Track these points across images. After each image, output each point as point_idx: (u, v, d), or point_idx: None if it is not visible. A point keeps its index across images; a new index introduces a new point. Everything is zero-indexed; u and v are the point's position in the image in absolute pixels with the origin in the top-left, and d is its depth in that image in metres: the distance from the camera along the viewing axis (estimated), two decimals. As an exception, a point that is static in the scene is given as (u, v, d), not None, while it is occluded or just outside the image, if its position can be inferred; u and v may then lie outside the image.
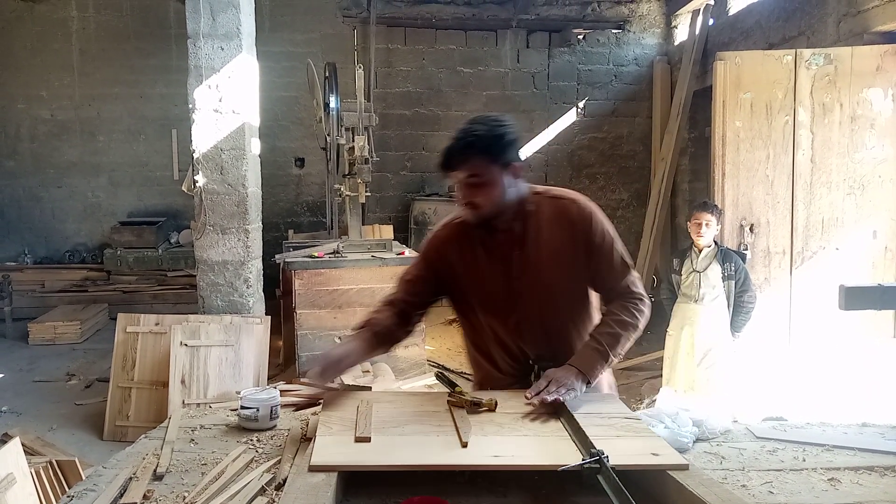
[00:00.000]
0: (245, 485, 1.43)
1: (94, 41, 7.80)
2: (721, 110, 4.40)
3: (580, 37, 8.06)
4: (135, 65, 7.81)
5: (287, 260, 4.78)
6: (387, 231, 6.68)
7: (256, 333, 4.43)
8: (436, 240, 1.98)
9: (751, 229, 4.40)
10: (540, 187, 1.95)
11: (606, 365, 1.79)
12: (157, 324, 4.49)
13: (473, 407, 1.65)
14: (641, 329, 1.87)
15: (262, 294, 4.89)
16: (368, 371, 4.46)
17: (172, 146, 7.93)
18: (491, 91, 8.11)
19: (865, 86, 4.29)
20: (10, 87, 7.78)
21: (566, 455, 1.40)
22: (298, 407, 1.95)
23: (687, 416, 1.81)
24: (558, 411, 1.63)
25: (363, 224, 5.96)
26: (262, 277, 4.89)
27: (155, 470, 1.52)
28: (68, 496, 1.44)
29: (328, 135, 5.58)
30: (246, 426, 1.77)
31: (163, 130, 7.92)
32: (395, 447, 1.45)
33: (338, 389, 1.85)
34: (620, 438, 1.50)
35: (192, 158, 4.52)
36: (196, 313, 4.61)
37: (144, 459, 1.59)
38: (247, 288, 4.62)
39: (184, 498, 1.40)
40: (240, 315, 4.52)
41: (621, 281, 1.88)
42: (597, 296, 1.96)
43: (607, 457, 1.33)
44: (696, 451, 1.72)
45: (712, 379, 4.09)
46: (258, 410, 1.77)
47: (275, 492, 1.41)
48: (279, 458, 1.55)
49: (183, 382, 4.18)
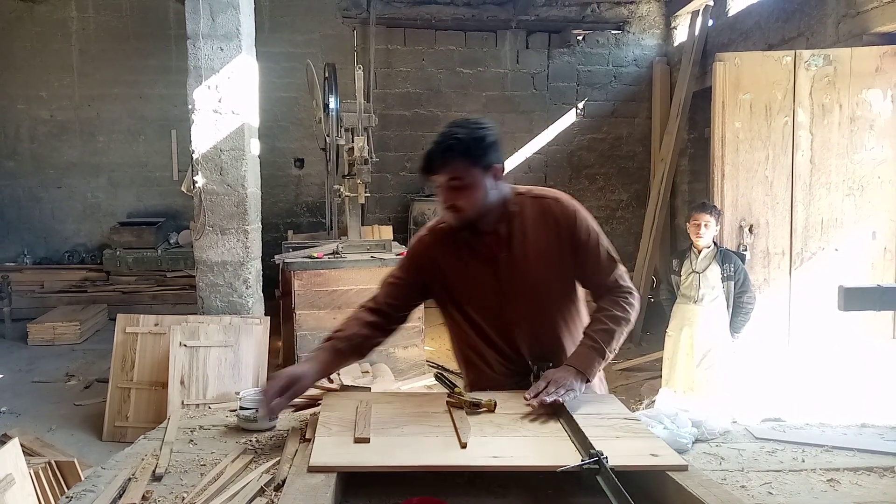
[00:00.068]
0: (244, 485, 1.43)
1: (94, 42, 7.80)
2: (720, 111, 4.41)
3: (580, 38, 8.06)
4: (134, 65, 7.81)
5: (286, 260, 4.78)
6: (386, 232, 6.68)
7: (256, 334, 4.43)
8: (421, 244, 1.98)
9: (750, 230, 4.40)
10: (522, 187, 1.96)
11: (604, 361, 1.80)
12: (157, 324, 4.49)
13: (473, 408, 1.65)
14: (633, 322, 1.89)
15: (262, 294, 4.89)
16: (368, 372, 4.46)
17: (172, 147, 7.93)
18: (490, 92, 8.12)
19: (865, 87, 4.29)
20: (10, 88, 7.78)
21: (565, 456, 1.40)
22: (298, 407, 1.95)
23: (686, 417, 1.81)
24: (557, 412, 1.63)
25: (363, 225, 5.96)
26: (262, 278, 4.89)
27: (154, 471, 1.52)
28: (67, 497, 1.44)
29: (328, 135, 5.58)
30: (245, 427, 1.77)
31: (162, 131, 7.93)
32: (395, 448, 1.45)
33: (337, 390, 1.85)
34: (619, 439, 1.50)
35: (192, 159, 4.53)
36: (195, 314, 4.61)
37: (143, 460, 1.59)
38: (246, 288, 4.62)
39: (183, 499, 1.40)
40: (239, 316, 4.52)
41: (609, 276, 1.89)
42: (583, 290, 1.97)
43: (606, 457, 1.33)
44: (696, 452, 1.72)
45: (711, 380, 4.09)
46: (257, 411, 1.77)
47: (274, 492, 1.40)
48: (278, 459, 1.55)
49: (182, 383, 4.18)
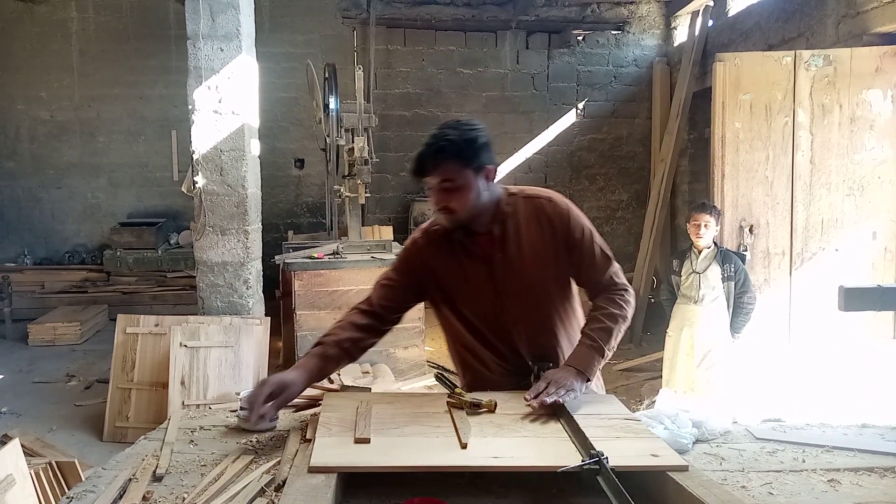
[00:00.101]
0: (244, 486, 1.43)
1: (94, 42, 7.80)
2: (720, 111, 4.41)
3: (580, 38, 8.06)
4: (134, 66, 7.82)
5: (287, 261, 4.78)
6: (386, 232, 6.68)
7: (256, 334, 4.43)
8: (415, 246, 1.97)
9: (750, 230, 4.40)
10: (514, 188, 1.96)
11: (603, 360, 1.80)
12: (157, 325, 4.49)
13: (473, 408, 1.65)
14: (630, 319, 1.89)
15: (262, 295, 4.89)
16: (368, 372, 4.46)
17: (172, 147, 7.93)
18: (490, 92, 8.12)
19: (865, 87, 4.29)
20: (10, 88, 7.79)
21: (566, 456, 1.40)
22: (298, 408, 1.95)
23: (686, 418, 1.81)
24: (558, 412, 1.63)
25: (363, 225, 5.96)
26: (262, 278, 4.89)
27: (154, 471, 1.52)
28: (68, 497, 1.44)
29: (328, 136, 5.59)
30: (245, 427, 1.76)
31: (162, 131, 7.93)
32: (395, 448, 1.45)
33: (337, 390, 1.85)
34: (620, 439, 1.50)
35: (192, 159, 4.53)
36: (196, 314, 4.61)
37: (144, 461, 1.59)
38: (246, 289, 4.62)
39: (183, 499, 1.40)
40: (239, 316, 4.52)
41: (604, 274, 1.90)
42: (576, 287, 1.97)
43: (607, 458, 1.33)
44: (696, 452, 1.72)
45: (712, 380, 4.09)
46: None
47: (274, 493, 1.40)
48: (279, 460, 1.54)
49: (182, 383, 4.18)
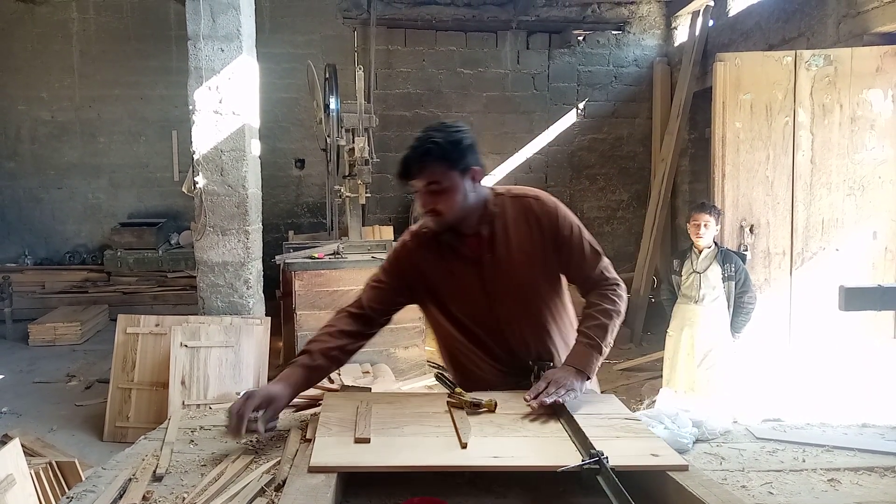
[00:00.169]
0: (244, 486, 1.43)
1: (95, 43, 7.81)
2: (721, 111, 4.41)
3: (580, 38, 8.06)
4: (135, 66, 7.82)
5: (287, 261, 4.79)
6: (387, 232, 6.69)
7: (256, 334, 4.43)
8: (405, 249, 1.97)
9: (751, 230, 4.40)
10: (500, 188, 1.96)
11: (601, 357, 1.81)
12: (158, 325, 4.49)
13: (473, 408, 1.65)
14: (624, 313, 1.90)
15: (262, 295, 4.89)
16: (368, 372, 4.46)
17: (173, 147, 7.93)
18: (491, 92, 8.12)
19: (865, 87, 4.29)
20: (11, 89, 7.79)
21: (566, 456, 1.40)
22: (298, 408, 1.95)
23: (687, 417, 1.81)
24: (558, 412, 1.63)
25: (363, 225, 5.97)
26: (262, 278, 4.89)
27: (154, 471, 1.52)
28: (68, 497, 1.44)
29: (328, 136, 5.59)
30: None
31: (163, 132, 7.93)
32: (395, 448, 1.45)
33: (337, 390, 1.85)
34: (620, 439, 1.50)
35: (193, 160, 4.53)
36: (196, 314, 4.61)
37: (144, 460, 1.59)
38: (247, 289, 4.62)
39: (183, 499, 1.40)
40: (240, 316, 4.52)
41: (595, 269, 1.91)
42: (566, 283, 1.98)
43: (607, 458, 1.33)
44: (696, 452, 1.72)
45: (712, 380, 4.09)
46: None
47: (274, 493, 1.40)
48: (279, 459, 1.54)
49: (183, 383, 4.18)
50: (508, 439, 1.50)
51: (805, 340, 4.32)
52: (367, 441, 1.47)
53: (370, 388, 3.64)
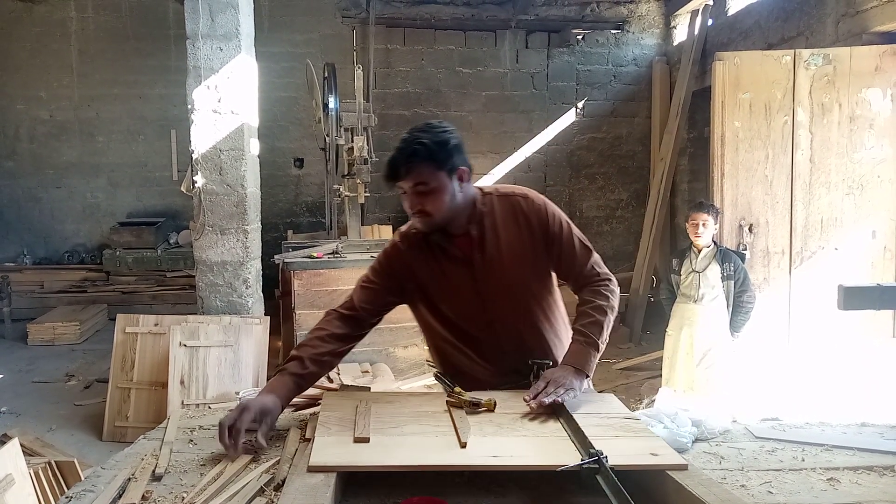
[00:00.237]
0: (244, 485, 1.43)
1: (93, 42, 7.80)
2: (720, 110, 4.41)
3: (579, 37, 8.05)
4: (134, 65, 7.81)
5: (286, 260, 4.78)
6: (386, 231, 6.68)
7: (255, 334, 4.43)
8: (395, 250, 1.97)
9: (750, 229, 4.40)
10: (488, 187, 1.96)
11: (598, 354, 1.81)
12: (157, 324, 4.49)
13: (472, 407, 1.65)
14: (617, 308, 1.91)
15: (261, 294, 4.88)
16: (368, 371, 4.46)
17: (171, 147, 7.93)
18: (490, 91, 8.11)
19: (864, 86, 4.29)
20: (9, 88, 7.78)
21: (565, 455, 1.40)
22: (298, 407, 1.95)
23: (686, 416, 1.81)
24: (557, 411, 1.63)
25: (362, 224, 5.96)
26: (262, 278, 4.89)
27: (154, 470, 1.52)
28: (67, 497, 1.43)
29: (327, 135, 5.59)
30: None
31: (162, 131, 7.92)
32: (394, 447, 1.45)
33: (336, 390, 1.85)
34: (619, 438, 1.50)
35: (191, 159, 4.52)
36: (195, 314, 4.61)
37: (143, 460, 1.58)
38: (246, 288, 4.61)
39: (182, 498, 1.40)
40: (239, 315, 4.52)
41: (586, 265, 1.91)
42: (556, 279, 1.98)
43: (606, 457, 1.33)
44: (695, 451, 1.72)
45: (711, 379, 4.09)
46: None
47: (274, 492, 1.40)
48: (278, 459, 1.54)
49: (182, 383, 4.18)
50: (508, 439, 1.50)
51: (804, 340, 4.32)
52: (367, 440, 1.47)
53: (369, 388, 3.64)
